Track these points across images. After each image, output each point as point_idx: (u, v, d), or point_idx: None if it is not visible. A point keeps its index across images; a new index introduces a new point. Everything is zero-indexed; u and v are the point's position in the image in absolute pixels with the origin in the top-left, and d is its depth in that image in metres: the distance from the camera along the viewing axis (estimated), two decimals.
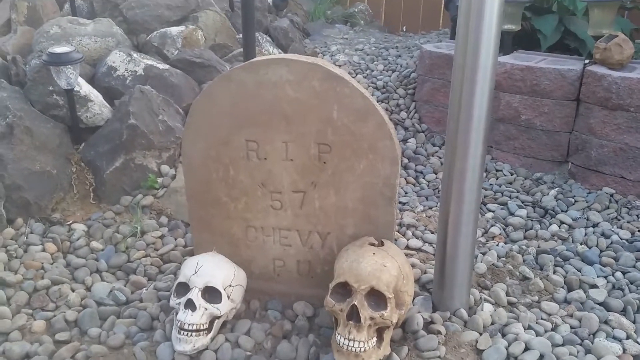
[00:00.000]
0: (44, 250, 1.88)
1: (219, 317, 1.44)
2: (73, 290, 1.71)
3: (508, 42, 2.76)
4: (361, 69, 3.39)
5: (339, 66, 3.38)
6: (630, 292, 1.76)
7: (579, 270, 1.86)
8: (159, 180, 2.22)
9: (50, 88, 2.31)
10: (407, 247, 2.00)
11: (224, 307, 1.44)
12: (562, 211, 2.25)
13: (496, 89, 2.61)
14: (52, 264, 1.84)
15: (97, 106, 2.35)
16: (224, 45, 2.97)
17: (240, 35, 3.21)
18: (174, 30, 2.80)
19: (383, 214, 1.46)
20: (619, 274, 1.84)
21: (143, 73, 2.54)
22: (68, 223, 2.04)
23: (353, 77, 3.29)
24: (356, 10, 4.29)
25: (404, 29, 4.60)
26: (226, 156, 1.48)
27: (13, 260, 1.80)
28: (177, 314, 1.42)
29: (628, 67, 2.34)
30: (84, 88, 2.34)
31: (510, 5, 2.61)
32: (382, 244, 1.43)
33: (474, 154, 1.38)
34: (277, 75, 1.36)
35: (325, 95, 1.35)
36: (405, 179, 2.59)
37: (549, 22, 2.83)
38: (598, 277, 1.83)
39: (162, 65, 2.59)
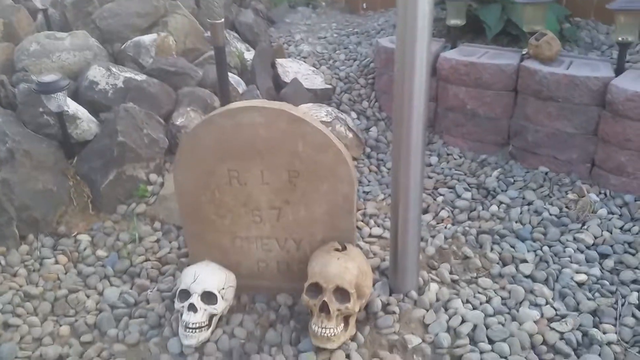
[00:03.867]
0: (56, 262, 2.17)
1: (216, 315, 1.78)
2: (88, 297, 2.01)
3: (455, 35, 3.04)
4: (324, 59, 3.64)
5: (304, 58, 3.63)
6: (553, 264, 2.13)
7: (513, 247, 2.23)
8: (149, 188, 2.50)
9: (41, 109, 2.53)
10: (370, 235, 2.33)
11: (220, 307, 1.77)
12: (502, 191, 2.60)
13: (444, 81, 2.91)
14: (65, 274, 2.13)
15: (85, 123, 2.59)
16: (195, 49, 3.19)
17: (208, 33, 3.41)
18: (147, 39, 3.00)
19: (344, 222, 1.79)
20: (545, 248, 2.21)
21: (123, 85, 2.76)
22: (73, 234, 2.32)
23: (317, 68, 3.56)
24: None
25: (364, 6, 4.80)
26: (212, 183, 1.77)
27: (32, 274, 2.09)
28: (181, 315, 1.74)
29: (557, 60, 2.66)
30: (72, 107, 2.57)
31: (455, 4, 2.88)
32: (345, 247, 1.76)
33: (416, 147, 1.67)
34: (251, 119, 1.64)
35: (292, 134, 1.65)
36: (368, 167, 2.91)
37: (493, 13, 3.10)
38: (528, 252, 2.20)
39: (140, 77, 2.81)
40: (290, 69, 3.43)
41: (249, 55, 3.36)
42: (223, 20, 2.44)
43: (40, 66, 2.87)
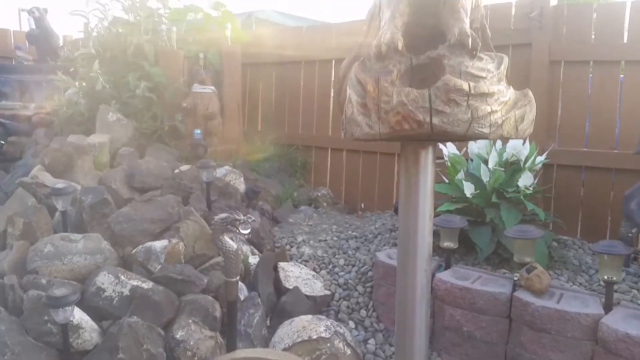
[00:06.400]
0: None
1: None
2: None
3: (448, 254, 3.21)
4: (324, 263, 3.78)
5: (305, 261, 3.78)
6: None
7: None
8: None
9: (46, 318, 2.58)
10: None
11: None
12: None
13: (441, 301, 3.01)
14: None
15: (87, 333, 2.61)
16: (202, 254, 3.33)
17: None
18: (158, 245, 3.16)
19: None
20: None
21: (129, 294, 2.84)
22: None
23: (317, 272, 3.68)
24: (319, 194, 4.81)
25: (362, 206, 5.11)
26: None
27: None
28: None
29: (549, 292, 2.78)
30: (77, 317, 2.62)
31: (448, 230, 3.10)
32: None
33: None
34: None
35: None
36: None
37: (484, 236, 3.31)
38: None
39: (147, 285, 2.90)
40: (292, 273, 3.55)
41: (253, 259, 3.50)
42: (238, 278, 2.63)
43: (51, 268, 2.98)
